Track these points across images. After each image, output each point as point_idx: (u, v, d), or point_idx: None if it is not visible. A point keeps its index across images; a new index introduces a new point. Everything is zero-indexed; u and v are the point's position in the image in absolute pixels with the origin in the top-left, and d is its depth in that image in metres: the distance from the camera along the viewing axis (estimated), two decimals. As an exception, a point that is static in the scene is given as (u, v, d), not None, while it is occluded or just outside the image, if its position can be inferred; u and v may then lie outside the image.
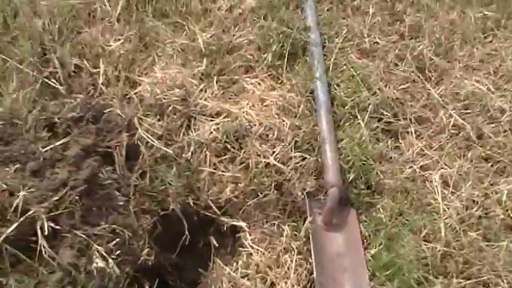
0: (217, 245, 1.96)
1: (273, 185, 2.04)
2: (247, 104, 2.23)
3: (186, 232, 1.92)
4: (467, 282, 1.98)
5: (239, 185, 2.01)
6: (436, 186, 2.22)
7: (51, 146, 1.86)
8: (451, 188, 2.24)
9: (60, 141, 1.89)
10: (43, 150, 1.85)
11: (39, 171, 1.79)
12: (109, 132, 1.98)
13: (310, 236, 1.98)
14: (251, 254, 1.92)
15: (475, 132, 2.45)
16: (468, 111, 2.54)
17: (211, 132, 2.09)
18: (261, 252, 1.92)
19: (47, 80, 2.14)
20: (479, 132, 2.46)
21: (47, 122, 1.96)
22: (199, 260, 2.02)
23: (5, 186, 1.68)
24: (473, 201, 2.22)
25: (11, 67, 2.13)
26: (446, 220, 2.12)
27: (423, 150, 2.37)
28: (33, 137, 1.90)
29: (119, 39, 2.37)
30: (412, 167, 2.29)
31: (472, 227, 2.14)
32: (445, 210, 2.14)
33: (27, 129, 1.92)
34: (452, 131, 2.46)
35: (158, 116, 2.09)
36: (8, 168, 1.77)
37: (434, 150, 2.38)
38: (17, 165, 1.79)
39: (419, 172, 2.28)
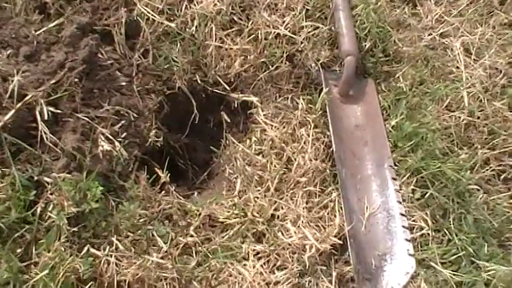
0: (229, 120, 1.86)
1: (284, 56, 1.91)
2: (252, -29, 2.05)
3: (195, 111, 1.82)
4: (492, 152, 1.92)
5: (248, 57, 1.88)
6: (458, 54, 2.10)
7: (45, 28, 1.75)
8: (473, 55, 2.13)
9: (54, 23, 1.77)
10: (36, 33, 1.74)
11: (33, 55, 1.69)
12: (106, 9, 1.85)
13: (327, 108, 1.86)
14: (265, 130, 1.81)
15: (497, -3, 2.30)
16: (490, -27, 2.36)
17: (215, 4, 1.92)
18: (275, 127, 1.82)
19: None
20: (502, -3, 2.31)
21: (37, 3, 1.83)
22: (210, 141, 1.94)
23: (-3, 71, 1.58)
24: (497, 69, 2.11)
25: None
26: (469, 89, 2.02)
27: (442, 17, 2.23)
28: (24, 20, 1.77)
29: None
30: (431, 34, 2.15)
31: (496, 96, 2.05)
32: (467, 79, 2.03)
33: (16, 12, 1.80)
34: (473, -4, 2.30)
35: (157, -11, 1.93)
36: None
37: (454, 16, 2.24)
38: (10, 51, 1.68)
39: (440, 40, 2.15)
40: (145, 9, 1.86)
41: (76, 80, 1.63)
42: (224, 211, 1.67)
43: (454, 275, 1.63)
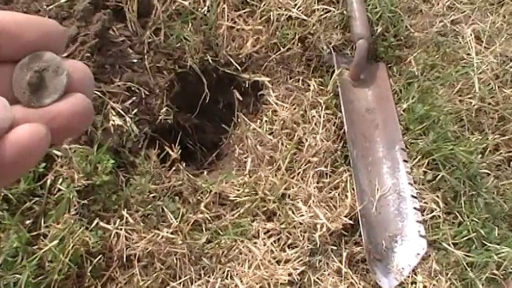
0: (241, 98, 1.84)
1: (296, 38, 1.88)
2: (265, -47, 2.03)
3: (206, 90, 1.80)
4: (502, 138, 1.92)
5: (260, 38, 1.85)
6: (469, 41, 2.09)
7: (56, 3, 1.72)
8: (484, 43, 2.12)
9: (66, -2, 1.75)
10: (48, 8, 1.71)
11: (45, 30, 1.67)
12: (118, -15, 1.83)
13: (339, 91, 1.84)
14: (276, 110, 1.80)
15: (508, -14, 2.29)
16: (502, -39, 2.36)
17: (228, -16, 1.91)
18: (286, 108, 1.80)
19: None
20: (512, -13, 2.29)
21: (49, -22, 1.82)
22: (219, 123, 1.92)
23: (9, 44, 1.56)
24: (507, 57, 2.10)
25: None
26: (480, 75, 2.01)
27: (453, 4, 2.22)
28: (36, -5, 1.76)
29: None
30: (442, 21, 2.14)
31: (506, 83, 2.06)
32: (478, 65, 2.02)
33: (28, -13, 1.79)
34: (483, -16, 2.29)
35: (169, -31, 1.92)
36: (11, 29, 1.65)
37: (465, 4, 2.23)
38: (21, 25, 1.66)
39: (451, 26, 2.14)
40: (158, -12, 1.85)
41: (88, 54, 1.61)
42: (234, 189, 1.65)
43: (466, 255, 1.62)
